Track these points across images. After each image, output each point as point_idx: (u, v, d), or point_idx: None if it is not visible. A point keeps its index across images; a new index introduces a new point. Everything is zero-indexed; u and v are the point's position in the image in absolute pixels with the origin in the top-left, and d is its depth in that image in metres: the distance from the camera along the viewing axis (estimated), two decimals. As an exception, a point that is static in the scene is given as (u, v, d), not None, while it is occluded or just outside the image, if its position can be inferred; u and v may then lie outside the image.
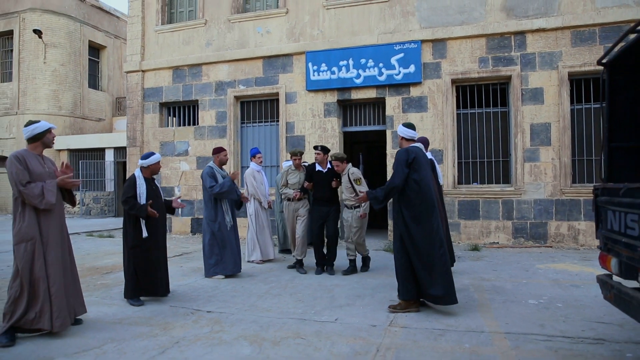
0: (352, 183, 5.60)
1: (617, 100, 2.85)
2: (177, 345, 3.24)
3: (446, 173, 8.46)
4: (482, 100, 8.55)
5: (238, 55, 9.99)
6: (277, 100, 9.83)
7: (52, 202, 3.29)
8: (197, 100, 10.44)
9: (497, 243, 8.14)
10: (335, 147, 9.22)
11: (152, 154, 4.43)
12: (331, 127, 9.32)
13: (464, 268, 6.07)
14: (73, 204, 3.61)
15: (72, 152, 17.81)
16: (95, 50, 19.96)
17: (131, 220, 4.22)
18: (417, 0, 8.75)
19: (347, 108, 9.53)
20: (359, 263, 6.04)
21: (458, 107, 8.66)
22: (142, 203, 4.14)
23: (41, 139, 3.43)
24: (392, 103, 8.85)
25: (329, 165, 5.87)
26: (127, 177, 4.50)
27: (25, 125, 3.44)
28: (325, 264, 5.88)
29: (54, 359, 2.97)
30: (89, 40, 19.24)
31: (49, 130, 3.45)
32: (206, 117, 10.33)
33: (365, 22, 9.10)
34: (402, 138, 4.34)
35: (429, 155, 5.89)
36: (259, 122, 10.20)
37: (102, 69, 20.28)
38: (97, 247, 8.53)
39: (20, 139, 17.53)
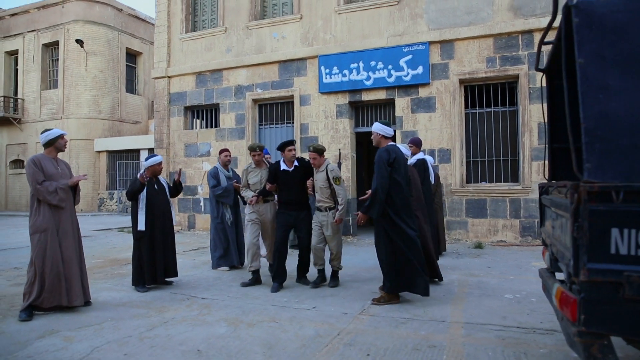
0: (330, 182, 4.89)
1: (557, 103, 3.03)
2: (165, 324, 3.69)
3: (454, 172, 8.58)
4: (490, 100, 8.60)
5: (256, 60, 10.47)
6: (292, 102, 10.24)
7: (63, 198, 3.83)
8: (218, 104, 11.02)
9: (504, 241, 8.18)
10: (347, 147, 9.52)
11: (153, 156, 4.95)
12: (343, 128, 9.62)
13: (459, 264, 6.24)
14: (76, 202, 4.14)
15: (110, 153, 19.02)
16: (132, 56, 21.16)
17: (136, 215, 4.74)
18: (425, 2, 8.90)
19: (358, 109, 9.81)
20: (328, 273, 5.25)
21: (466, 106, 8.75)
22: (141, 198, 4.64)
23: (54, 144, 3.99)
24: (402, 104, 9.04)
25: (295, 163, 5.05)
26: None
27: (41, 133, 4.01)
28: (298, 276, 5.23)
29: (60, 332, 3.49)
30: (126, 48, 20.44)
31: (60, 136, 4.01)
32: (226, 119, 10.89)
33: (376, 26, 9.33)
34: (382, 136, 4.42)
35: (421, 155, 6.14)
36: (275, 123, 10.65)
37: (138, 74, 21.47)
38: (123, 242, 9.23)
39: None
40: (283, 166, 5.05)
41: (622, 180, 1.63)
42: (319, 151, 4.92)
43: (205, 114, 11.52)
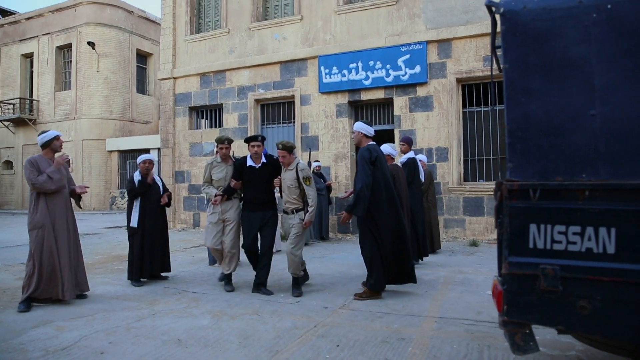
0: (300, 181, 4.58)
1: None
2: (152, 316, 3.89)
3: (451, 170, 8.64)
4: (488, 99, 8.63)
5: (258, 61, 10.66)
6: (293, 102, 10.40)
7: (58, 178, 4.09)
8: (221, 104, 11.25)
9: (501, 240, 8.21)
10: (347, 146, 9.65)
11: (142, 156, 5.19)
12: (342, 127, 9.74)
13: (450, 261, 6.33)
14: (78, 203, 4.39)
15: (121, 152, 19.45)
16: (142, 57, 21.57)
17: (131, 213, 4.98)
18: (423, 2, 8.97)
19: (357, 108, 9.92)
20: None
21: (463, 105, 8.80)
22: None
23: (49, 146, 4.21)
24: (400, 103, 9.13)
25: (263, 160, 4.72)
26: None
27: (38, 135, 4.24)
28: (257, 283, 4.73)
29: (54, 322, 3.72)
30: (137, 49, 20.85)
31: (56, 138, 4.23)
32: (230, 119, 11.11)
33: (374, 26, 9.43)
34: (363, 135, 4.52)
35: (411, 154, 6.24)
36: (277, 123, 10.83)
37: (149, 75, 21.87)
38: (129, 238, 9.52)
39: (77, 141, 19.42)
40: (250, 162, 4.71)
41: (539, 179, 1.74)
42: (289, 149, 4.61)
43: (209, 114, 11.76)
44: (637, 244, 1.60)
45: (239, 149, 10.64)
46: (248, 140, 4.76)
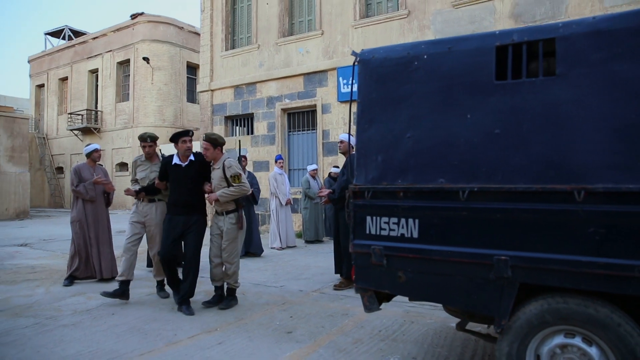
0: (227, 180, 4.12)
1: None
2: (152, 295, 4.85)
3: (459, 174, 9.04)
4: (494, 105, 8.95)
5: (284, 74, 11.60)
6: (316, 111, 11.22)
7: (92, 195, 5.18)
8: (252, 113, 12.31)
9: (506, 241, 8.51)
10: (363, 151, 10.31)
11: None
12: (359, 133, 10.41)
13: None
14: (107, 204, 5.47)
15: (172, 157, 21.25)
16: (192, 69, 23.35)
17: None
18: (432, 14, 9.46)
19: (373, 116, 10.55)
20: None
21: (471, 111, 9.16)
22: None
23: (90, 156, 5.34)
24: (411, 110, 9.66)
25: (191, 157, 4.25)
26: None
27: (84, 147, 5.40)
28: (180, 298, 4.18)
29: (86, 294, 4.80)
30: (187, 61, 22.64)
31: (95, 150, 5.37)
32: (260, 127, 12.14)
33: (387, 38, 10.03)
34: (347, 144, 5.38)
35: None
36: (301, 130, 11.70)
37: (198, 85, 23.64)
38: (168, 234, 10.78)
39: (135, 147, 21.47)
40: (175, 160, 4.25)
41: (372, 184, 2.40)
42: (214, 142, 4.14)
43: (242, 122, 12.87)
44: (432, 231, 2.21)
45: (267, 154, 11.66)
46: (177, 136, 4.26)
